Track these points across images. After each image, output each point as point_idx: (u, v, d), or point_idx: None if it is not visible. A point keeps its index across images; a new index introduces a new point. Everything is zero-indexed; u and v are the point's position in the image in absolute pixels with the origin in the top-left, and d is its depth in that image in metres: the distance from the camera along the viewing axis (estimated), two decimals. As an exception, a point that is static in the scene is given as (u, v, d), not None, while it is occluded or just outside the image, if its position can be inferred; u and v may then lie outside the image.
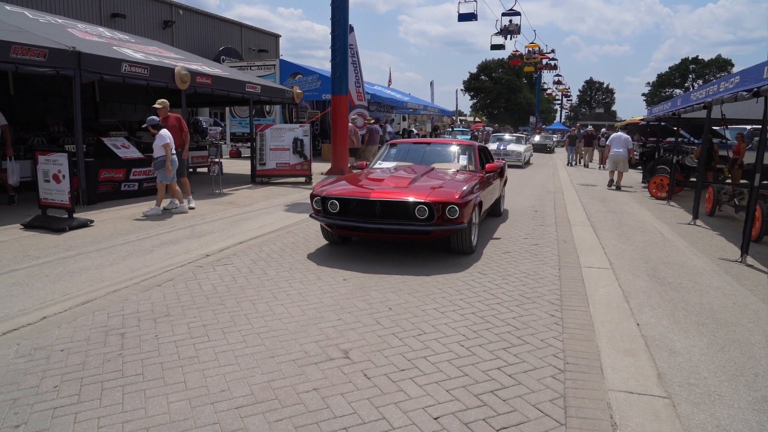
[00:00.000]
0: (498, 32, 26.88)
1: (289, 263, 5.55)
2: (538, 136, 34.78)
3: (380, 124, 20.40)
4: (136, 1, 26.34)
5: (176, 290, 4.61)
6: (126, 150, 9.71)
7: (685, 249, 6.71)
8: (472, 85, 75.05)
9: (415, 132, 31.21)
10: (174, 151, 8.15)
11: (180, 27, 28.94)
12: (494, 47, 28.27)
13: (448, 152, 7.62)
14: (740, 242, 6.30)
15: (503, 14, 26.42)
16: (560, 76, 53.26)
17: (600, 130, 24.24)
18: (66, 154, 7.01)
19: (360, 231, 5.60)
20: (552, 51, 42.84)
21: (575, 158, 22.46)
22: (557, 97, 68.59)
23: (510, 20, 26.41)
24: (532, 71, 46.18)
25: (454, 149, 7.66)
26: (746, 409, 2.84)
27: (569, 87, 65.86)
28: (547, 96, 67.50)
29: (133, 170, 9.52)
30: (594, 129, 24.23)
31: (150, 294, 4.50)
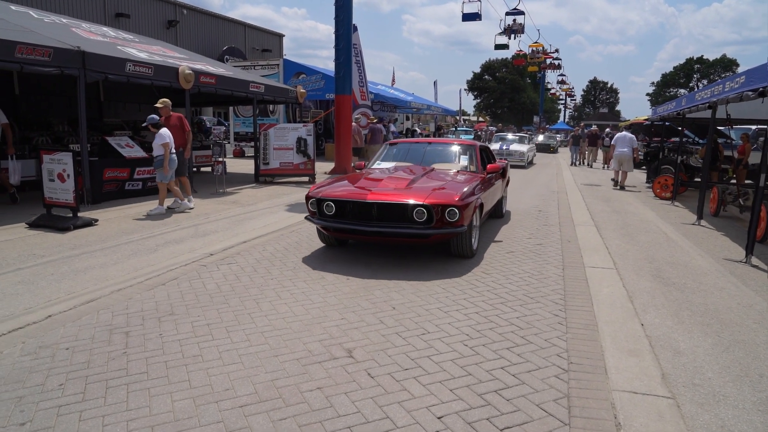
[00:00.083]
0: (502, 32, 26.81)
1: (293, 262, 5.56)
2: (542, 136, 34.62)
3: (384, 124, 20.40)
4: (140, 1, 26.41)
5: (180, 289, 4.63)
6: (130, 149, 9.75)
7: (690, 249, 6.69)
8: (476, 85, 75.06)
9: (419, 132, 31.21)
10: (174, 151, 8.15)
11: (184, 27, 28.99)
12: (498, 47, 28.22)
13: (449, 152, 7.48)
14: (745, 243, 6.28)
15: (507, 14, 26.31)
16: (564, 76, 53.08)
17: (604, 130, 24.14)
18: (70, 154, 7.04)
19: (356, 234, 5.47)
20: (556, 51, 42.72)
21: (579, 158, 22.36)
22: (561, 97, 68.40)
23: (514, 20, 26.32)
24: (536, 71, 46.12)
25: (455, 149, 7.52)
26: (751, 410, 2.83)
27: (573, 87, 65.58)
28: (551, 96, 67.29)
29: (137, 169, 9.56)
30: (598, 129, 24.14)
31: (154, 293, 4.52)
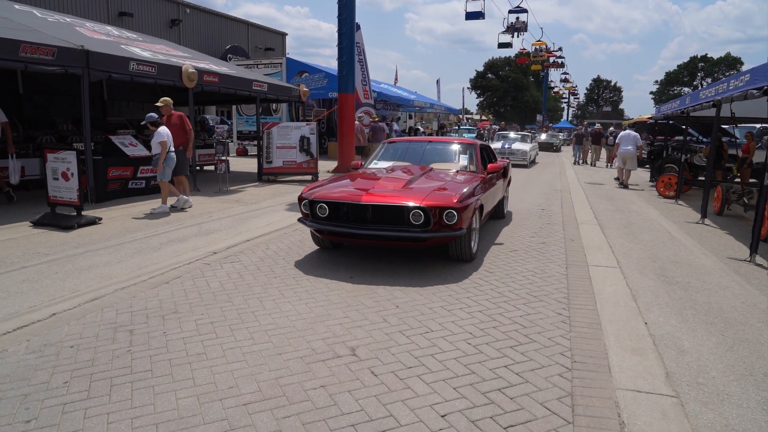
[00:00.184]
0: (505, 30, 26.78)
1: (296, 261, 5.56)
2: (545, 135, 34.52)
3: (387, 123, 20.40)
4: (144, 0, 26.46)
5: (184, 287, 4.64)
6: (134, 148, 9.77)
7: (694, 248, 6.67)
8: (479, 83, 74.91)
9: (422, 130, 31.18)
10: (173, 149, 8.13)
11: (187, 25, 29.04)
12: (502, 45, 28.20)
13: (448, 151, 7.27)
14: (749, 241, 6.26)
15: (510, 11, 26.29)
16: (567, 74, 53.02)
17: (608, 129, 24.07)
18: (74, 152, 7.06)
19: (350, 237, 5.25)
20: (559, 49, 42.67)
21: (582, 157, 22.24)
22: (564, 96, 68.28)
23: (517, 17, 26.30)
24: (539, 69, 46.03)
25: (454, 148, 7.29)
26: (755, 409, 2.82)
27: (576, 85, 65.53)
28: (554, 94, 67.19)
29: (141, 168, 9.59)
30: (602, 127, 24.05)
31: (158, 291, 4.53)
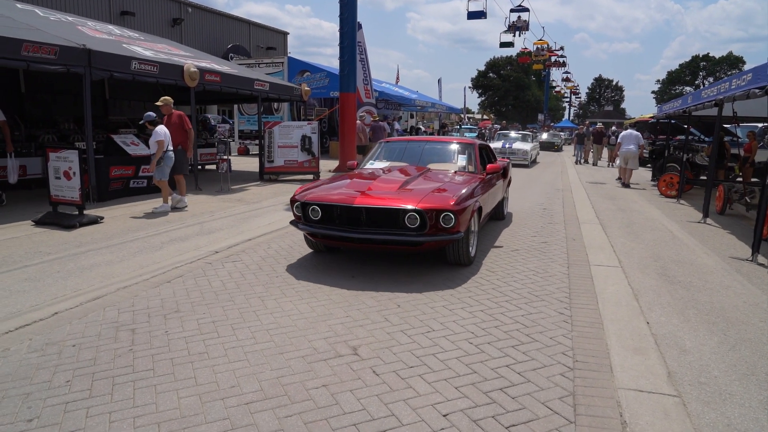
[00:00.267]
0: (507, 30, 26.73)
1: (298, 260, 5.56)
2: (546, 134, 34.46)
3: (388, 122, 20.37)
4: (146, -1, 26.46)
5: (186, 287, 4.64)
6: (135, 147, 9.78)
7: (695, 247, 6.66)
8: (481, 83, 74.79)
9: (423, 130, 31.15)
10: (171, 148, 8.10)
11: (189, 25, 29.02)
12: (503, 45, 28.16)
13: (446, 151, 7.07)
14: (751, 241, 6.25)
15: (511, 10, 26.22)
16: (569, 74, 52.88)
17: (610, 128, 24.02)
18: (76, 152, 7.07)
19: (343, 241, 5.06)
20: (561, 48, 42.56)
21: (583, 157, 22.19)
22: (566, 95, 68.16)
23: (518, 16, 26.23)
24: (541, 69, 45.95)
25: (452, 148, 7.09)
26: (757, 408, 2.82)
27: (578, 84, 65.51)
28: (556, 94, 67.06)
29: (142, 167, 9.59)
30: (604, 126, 24.01)
31: (160, 290, 4.54)
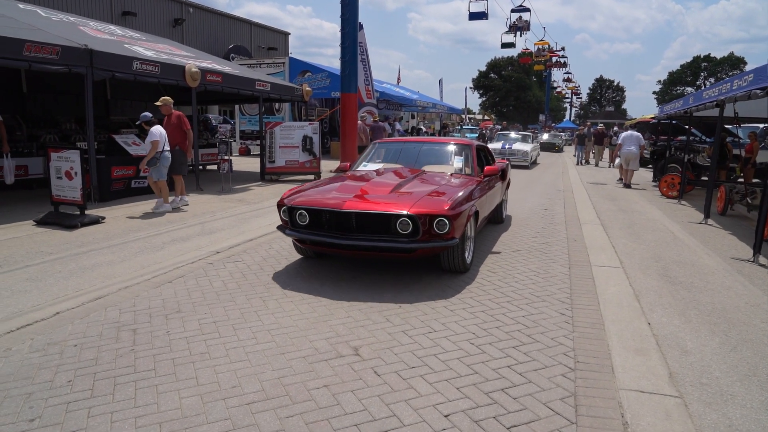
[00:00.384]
0: (508, 30, 26.72)
1: (299, 260, 5.56)
2: (547, 135, 34.38)
3: (389, 122, 20.38)
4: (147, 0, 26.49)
5: (187, 287, 4.65)
6: (137, 147, 9.79)
7: (697, 248, 6.66)
8: (482, 83, 74.81)
9: (424, 130, 31.16)
10: (167, 149, 8.09)
11: (190, 25, 29.04)
12: (505, 45, 28.14)
13: (442, 153, 6.81)
14: (752, 242, 6.24)
15: (512, 10, 26.22)
16: (570, 74, 52.85)
17: (611, 128, 23.98)
18: (78, 152, 7.08)
19: (332, 248, 4.81)
20: (562, 48, 42.66)
21: (584, 158, 22.08)
22: (567, 95, 68.12)
23: (519, 16, 26.21)
24: (542, 69, 45.97)
25: (449, 149, 6.83)
26: (759, 409, 2.82)
27: (579, 85, 65.53)
28: (557, 94, 67.05)
29: (143, 167, 9.57)
30: (605, 127, 23.97)
31: (161, 290, 4.54)
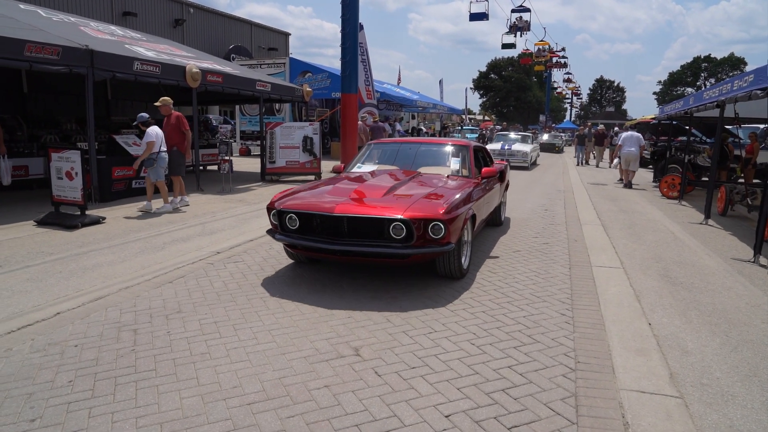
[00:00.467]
0: (508, 31, 26.72)
1: (299, 260, 5.56)
2: (547, 135, 34.33)
3: (390, 123, 20.38)
4: (148, 0, 26.50)
5: (187, 287, 4.65)
6: (137, 147, 9.77)
7: (697, 249, 6.66)
8: (482, 84, 74.80)
9: (424, 130, 31.18)
10: (164, 149, 8.08)
11: (191, 25, 29.06)
12: (505, 46, 28.14)
13: (438, 154, 6.65)
14: (753, 242, 6.24)
15: (513, 11, 26.21)
16: (570, 75, 52.81)
17: (612, 129, 23.97)
18: (78, 152, 7.08)
19: (323, 253, 4.65)
20: (562, 49, 42.61)
21: (584, 158, 22.02)
22: (567, 96, 68.10)
23: (520, 17, 26.21)
24: (542, 70, 45.95)
25: (446, 150, 6.67)
26: (760, 410, 2.81)
27: (579, 85, 65.51)
28: (557, 95, 67.02)
29: (144, 168, 9.57)
30: (605, 128, 23.95)
31: (162, 291, 4.54)
